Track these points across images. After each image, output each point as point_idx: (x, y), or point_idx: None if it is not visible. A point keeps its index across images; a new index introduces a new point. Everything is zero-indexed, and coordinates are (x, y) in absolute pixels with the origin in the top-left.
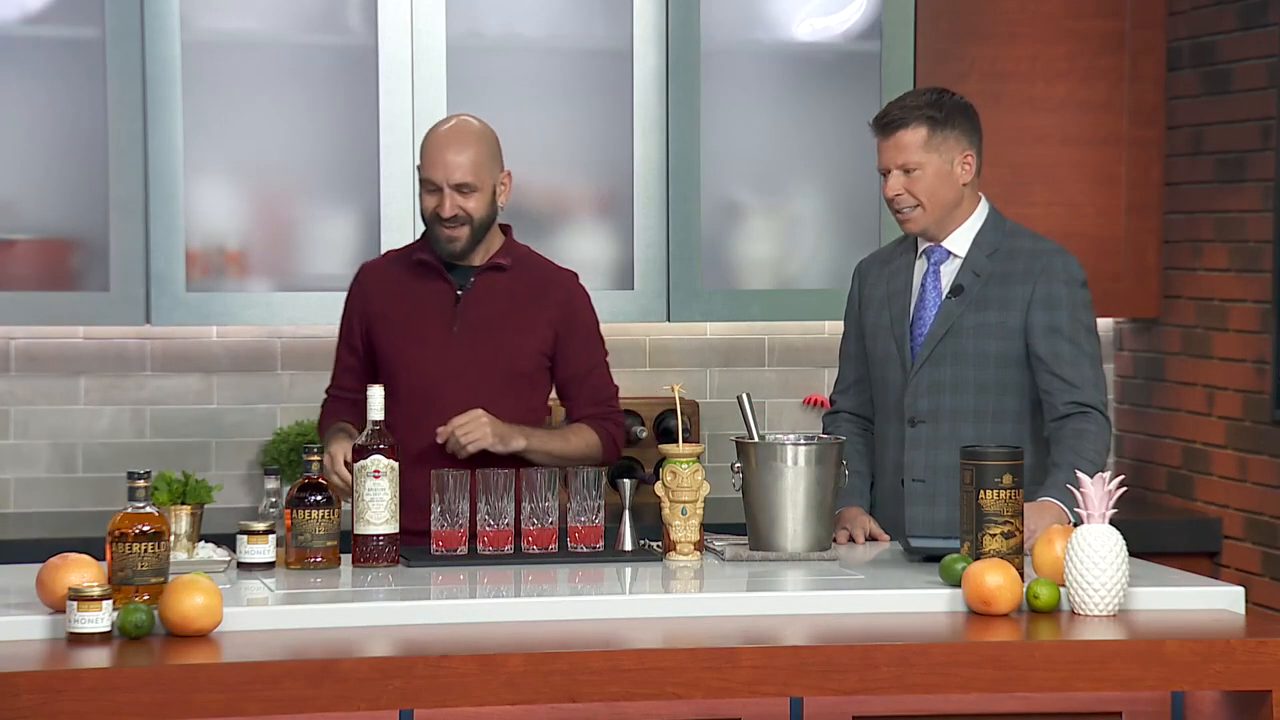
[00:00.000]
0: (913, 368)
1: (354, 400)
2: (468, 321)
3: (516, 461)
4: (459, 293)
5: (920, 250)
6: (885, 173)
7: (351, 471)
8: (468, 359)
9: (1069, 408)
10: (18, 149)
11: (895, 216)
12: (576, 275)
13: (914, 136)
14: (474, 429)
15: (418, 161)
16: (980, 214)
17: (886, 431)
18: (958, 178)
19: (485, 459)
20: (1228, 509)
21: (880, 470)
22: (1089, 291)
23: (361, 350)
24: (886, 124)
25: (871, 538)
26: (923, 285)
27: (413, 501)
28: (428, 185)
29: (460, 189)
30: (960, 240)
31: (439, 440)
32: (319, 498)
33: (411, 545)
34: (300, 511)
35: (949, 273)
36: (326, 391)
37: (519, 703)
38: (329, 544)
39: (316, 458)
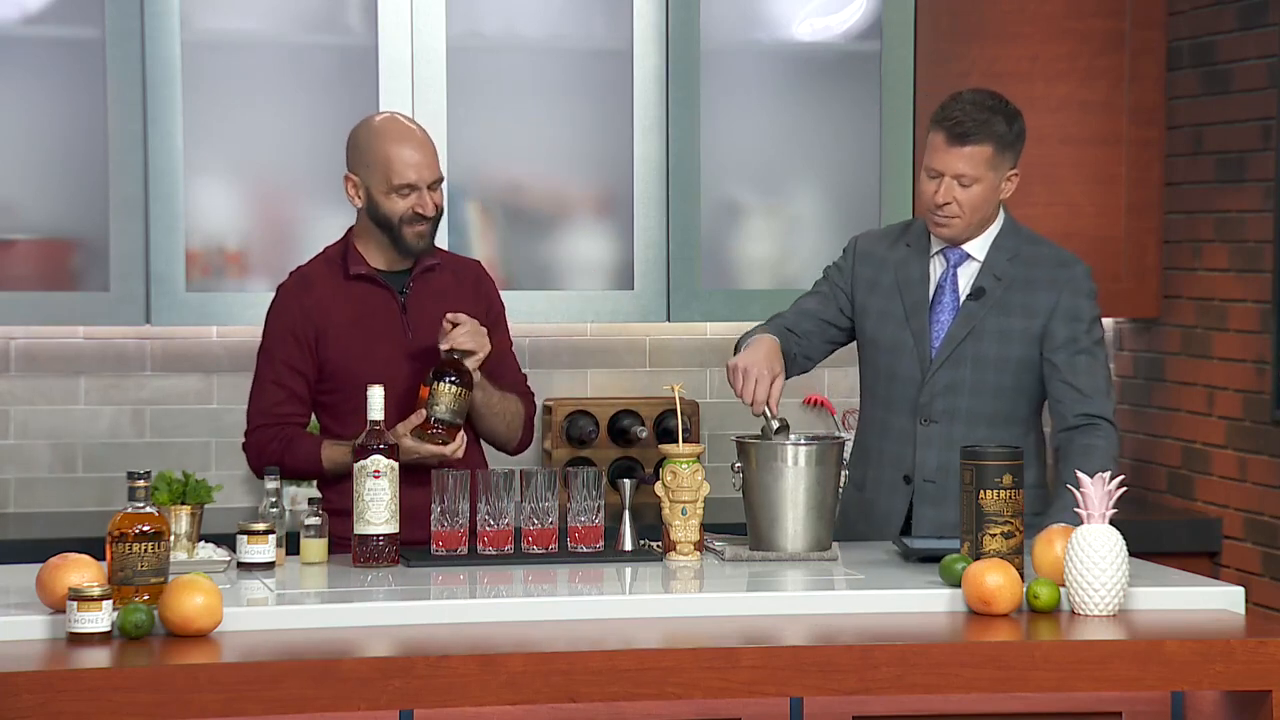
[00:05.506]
0: (931, 367)
1: (303, 425)
2: (421, 326)
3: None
4: (402, 300)
5: (936, 249)
6: (936, 175)
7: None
8: (425, 364)
9: (1079, 419)
10: (18, 149)
11: (931, 219)
12: (479, 262)
13: (981, 153)
14: (479, 336)
15: (369, 165)
16: (999, 219)
17: (891, 423)
18: (1001, 193)
19: (483, 458)
20: (1228, 509)
21: (879, 463)
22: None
23: (310, 373)
24: (959, 133)
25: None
26: (940, 285)
27: None
28: (402, 189)
29: (434, 186)
30: (979, 244)
31: (446, 326)
32: (454, 377)
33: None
34: (438, 384)
35: (967, 275)
36: (258, 427)
37: (519, 703)
38: (456, 421)
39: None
